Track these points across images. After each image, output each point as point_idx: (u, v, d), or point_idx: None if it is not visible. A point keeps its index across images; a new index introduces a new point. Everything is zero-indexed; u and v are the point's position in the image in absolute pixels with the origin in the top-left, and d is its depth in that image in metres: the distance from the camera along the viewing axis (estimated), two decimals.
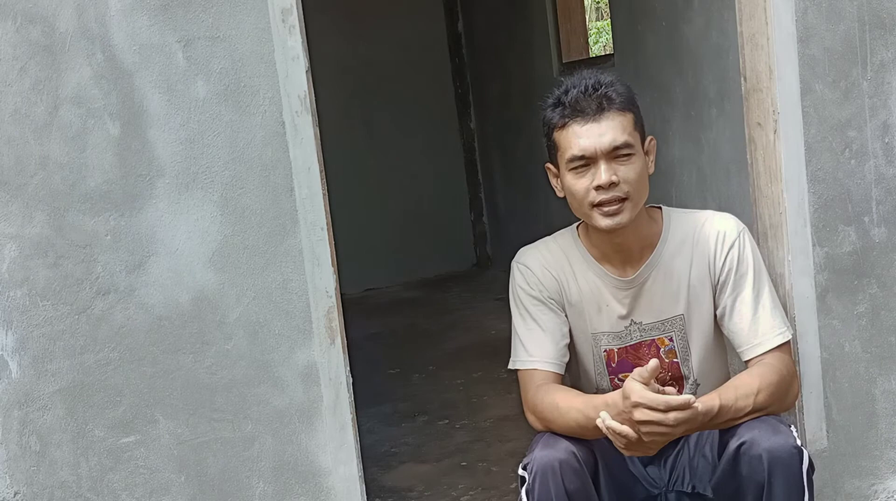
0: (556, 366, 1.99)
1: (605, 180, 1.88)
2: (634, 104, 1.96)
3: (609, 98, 1.91)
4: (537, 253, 2.07)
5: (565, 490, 1.80)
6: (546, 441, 1.87)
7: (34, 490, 1.92)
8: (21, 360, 1.89)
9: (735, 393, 1.84)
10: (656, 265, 2.01)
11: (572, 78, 1.95)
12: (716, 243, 2.00)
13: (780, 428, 1.83)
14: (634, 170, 1.91)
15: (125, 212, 1.93)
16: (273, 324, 2.03)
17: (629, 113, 1.93)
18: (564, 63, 5.22)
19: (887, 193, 2.37)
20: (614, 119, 1.90)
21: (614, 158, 1.90)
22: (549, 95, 1.98)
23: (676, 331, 2.02)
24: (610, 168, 1.89)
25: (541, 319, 2.01)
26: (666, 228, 2.03)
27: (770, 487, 1.78)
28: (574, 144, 1.90)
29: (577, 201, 1.94)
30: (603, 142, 1.88)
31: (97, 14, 1.89)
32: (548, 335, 2.00)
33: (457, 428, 3.52)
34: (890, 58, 2.34)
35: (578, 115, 1.90)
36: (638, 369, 1.77)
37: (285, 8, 1.98)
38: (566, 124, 1.92)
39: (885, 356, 2.41)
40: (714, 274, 2.00)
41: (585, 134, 1.89)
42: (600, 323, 2.03)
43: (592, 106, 1.90)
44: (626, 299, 2.01)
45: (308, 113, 2.01)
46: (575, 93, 1.91)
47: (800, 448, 1.81)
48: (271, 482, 2.05)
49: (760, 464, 1.78)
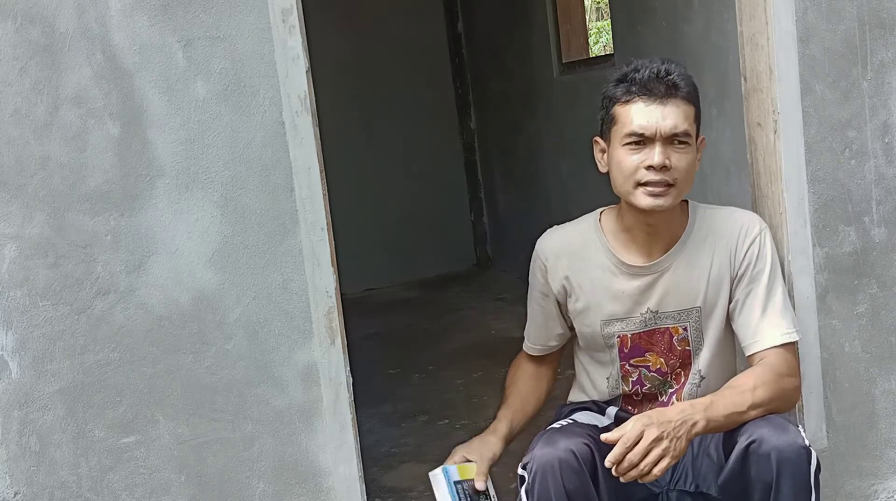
0: (536, 350, 2.25)
1: (659, 162, 1.91)
2: (698, 99, 2.00)
3: (677, 86, 1.94)
4: (556, 238, 2.13)
5: (564, 489, 1.81)
6: (546, 441, 1.88)
7: (34, 491, 1.92)
8: (21, 360, 1.89)
9: (731, 389, 1.89)
10: (679, 255, 2.03)
11: (642, 60, 1.99)
12: (738, 236, 2.04)
13: (788, 428, 1.83)
14: (686, 160, 1.95)
15: (125, 212, 1.93)
16: (273, 324, 2.03)
17: (693, 105, 1.97)
18: (564, 63, 5.21)
19: (887, 193, 2.37)
20: (679, 106, 1.93)
21: (671, 143, 1.93)
22: (616, 71, 2.02)
23: (692, 322, 2.04)
24: (665, 152, 1.92)
25: (542, 306, 2.17)
26: (692, 220, 2.07)
27: (778, 486, 1.79)
28: (635, 121, 1.93)
29: (623, 177, 1.96)
30: (665, 125, 1.92)
31: (97, 14, 1.89)
32: (540, 322, 2.20)
33: (457, 428, 3.51)
34: (890, 58, 2.34)
35: (646, 93, 1.93)
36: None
37: (285, 8, 1.98)
38: (631, 100, 1.94)
39: (885, 356, 2.41)
40: (733, 267, 2.03)
41: (649, 113, 1.92)
42: (614, 310, 2.06)
43: (661, 89, 1.93)
44: (644, 286, 2.04)
45: (308, 113, 2.01)
46: (646, 73, 1.94)
47: (808, 448, 1.82)
48: (271, 482, 2.05)
49: (769, 463, 1.79)
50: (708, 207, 2.11)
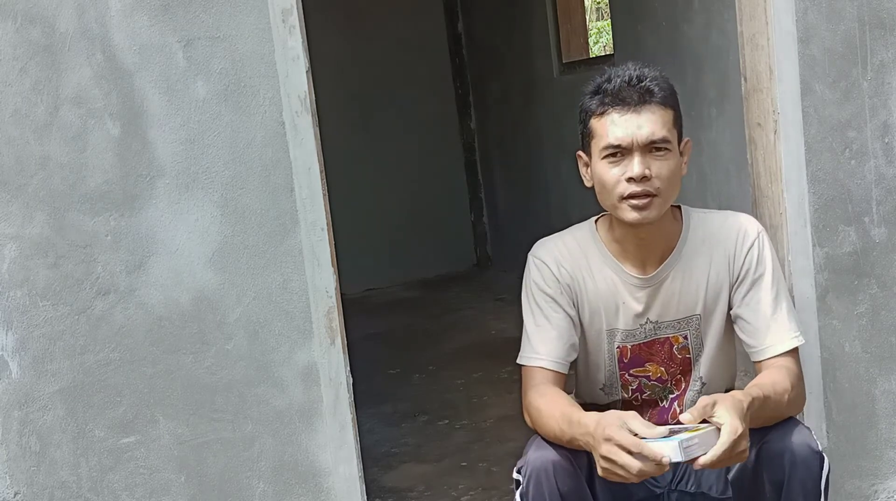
0: (559, 366, 1.96)
1: (638, 173, 1.85)
2: (676, 102, 1.93)
3: (651, 91, 1.88)
4: (554, 247, 2.03)
5: (559, 492, 1.79)
6: (539, 444, 1.86)
7: (34, 491, 1.92)
8: (21, 360, 1.89)
9: (772, 388, 1.81)
10: (676, 264, 1.99)
11: (616, 68, 1.93)
12: (735, 241, 1.98)
13: (802, 430, 1.82)
14: (668, 167, 1.88)
15: (125, 212, 1.93)
16: (273, 324, 2.03)
17: (670, 109, 1.90)
18: (564, 63, 5.22)
19: (887, 193, 2.37)
20: (655, 113, 1.87)
21: (650, 151, 1.87)
22: (590, 82, 1.95)
23: (692, 330, 2.01)
24: (644, 161, 1.86)
25: (551, 316, 1.98)
26: (686, 227, 2.01)
27: (789, 486, 1.78)
28: (611, 133, 1.87)
29: (607, 192, 1.91)
30: (641, 134, 1.86)
31: (97, 14, 1.89)
32: (555, 333, 1.97)
33: (457, 428, 3.52)
34: (890, 58, 2.34)
35: (619, 104, 1.87)
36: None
37: (285, 8, 1.98)
38: (605, 112, 1.89)
39: (885, 356, 2.41)
40: (732, 273, 1.99)
41: (624, 124, 1.86)
42: (615, 320, 2.01)
43: (634, 97, 1.87)
44: (644, 296, 2.00)
45: (308, 113, 2.01)
46: (618, 82, 1.88)
47: (820, 453, 1.81)
48: (271, 482, 2.05)
49: (781, 462, 1.78)
50: (702, 212, 2.06)
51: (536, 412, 1.88)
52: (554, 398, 1.89)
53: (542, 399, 1.89)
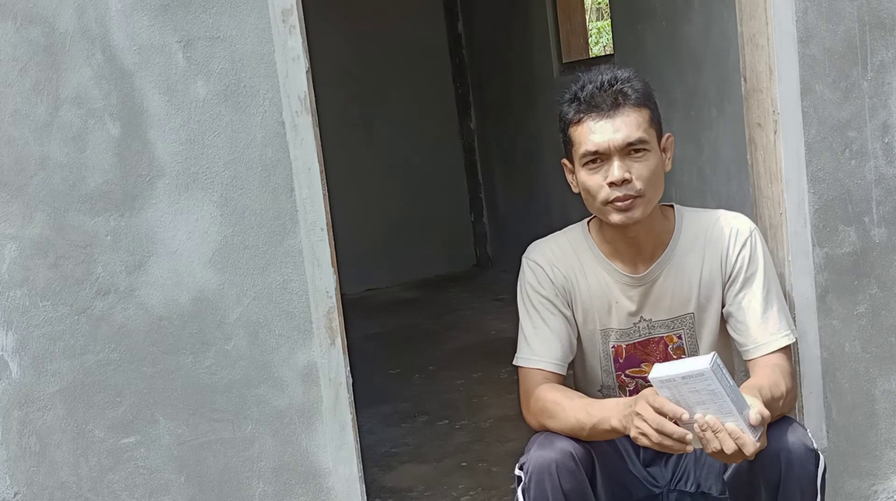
0: (559, 367, 1.98)
1: (618, 177, 1.87)
2: (651, 100, 1.95)
3: (624, 94, 1.89)
4: (547, 249, 2.05)
5: (561, 490, 1.80)
6: (542, 442, 1.87)
7: (34, 491, 1.92)
8: (21, 360, 1.89)
9: (770, 391, 1.81)
10: (668, 263, 2.00)
11: (589, 73, 1.94)
12: (728, 239, 1.99)
13: (797, 428, 1.83)
14: (648, 167, 1.90)
15: (125, 212, 1.93)
16: (273, 324, 2.03)
17: (645, 109, 1.91)
18: (564, 63, 5.22)
19: (887, 193, 2.37)
20: (629, 115, 1.88)
21: (628, 154, 1.88)
22: (567, 90, 1.96)
23: (686, 329, 2.02)
24: (623, 165, 1.88)
25: (548, 318, 2.00)
26: (678, 226, 2.02)
27: (785, 485, 1.78)
28: (588, 140, 1.89)
29: (591, 197, 1.93)
30: (616, 138, 1.87)
31: (97, 14, 1.89)
32: (553, 334, 1.99)
33: (457, 428, 3.52)
34: (890, 58, 2.34)
35: (593, 110, 1.89)
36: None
37: (285, 8, 1.98)
38: (581, 120, 1.90)
39: (885, 356, 2.41)
40: (725, 271, 2.00)
41: (599, 130, 1.88)
42: (609, 320, 2.02)
43: (608, 101, 1.89)
44: (637, 296, 2.01)
45: (308, 113, 2.01)
46: (591, 88, 1.90)
47: (815, 451, 1.81)
48: (271, 482, 2.05)
49: (777, 461, 1.78)
50: (695, 210, 2.07)
51: (554, 405, 1.89)
52: (569, 391, 1.92)
53: (558, 393, 1.91)
